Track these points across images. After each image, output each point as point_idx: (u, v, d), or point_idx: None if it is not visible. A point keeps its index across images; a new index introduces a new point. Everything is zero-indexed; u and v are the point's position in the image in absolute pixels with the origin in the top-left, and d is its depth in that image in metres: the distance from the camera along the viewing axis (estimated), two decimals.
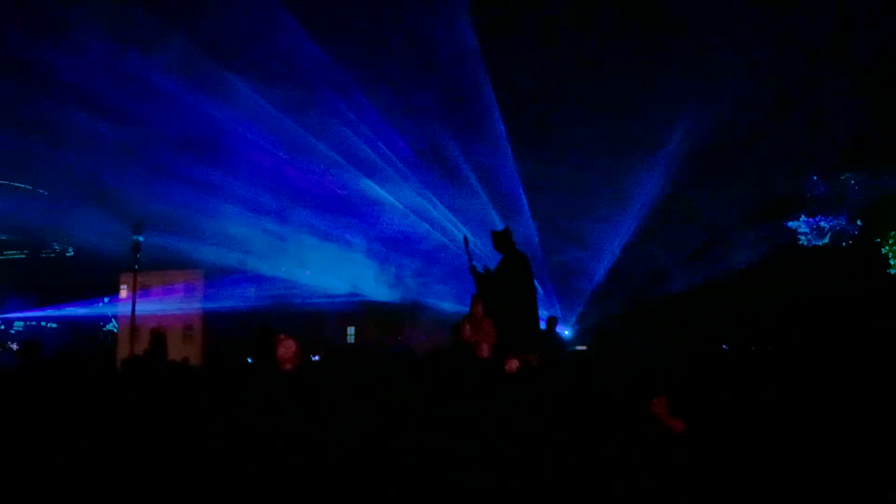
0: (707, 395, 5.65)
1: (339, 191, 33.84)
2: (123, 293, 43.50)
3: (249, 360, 6.61)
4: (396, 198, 33.16)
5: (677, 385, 5.86)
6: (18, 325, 56.46)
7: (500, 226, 8.76)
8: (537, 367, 6.23)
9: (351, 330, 43.45)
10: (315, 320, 35.80)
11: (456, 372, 5.66)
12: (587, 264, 31.91)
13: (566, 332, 28.39)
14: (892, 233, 25.64)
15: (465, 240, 8.44)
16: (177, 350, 20.14)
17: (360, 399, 4.85)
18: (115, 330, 47.76)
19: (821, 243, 26.74)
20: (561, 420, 4.49)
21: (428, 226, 33.79)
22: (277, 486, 4.09)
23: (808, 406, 5.29)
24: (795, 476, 4.09)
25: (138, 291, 22.00)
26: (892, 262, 25.65)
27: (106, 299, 47.75)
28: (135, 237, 20.15)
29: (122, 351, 33.20)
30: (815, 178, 26.75)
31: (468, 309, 7.56)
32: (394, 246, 36.44)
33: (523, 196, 30.52)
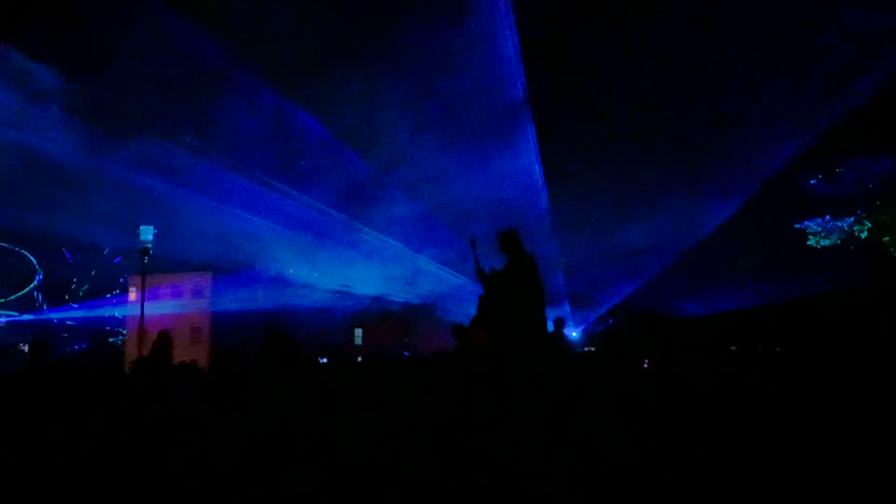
0: (715, 395, 5.64)
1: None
2: (132, 295, 43.72)
3: (258, 363, 6.64)
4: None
5: (685, 385, 5.85)
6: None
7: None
8: (543, 368, 6.23)
9: (358, 332, 43.49)
10: (323, 322, 35.83)
11: (462, 373, 5.67)
12: (590, 265, 31.87)
13: (574, 334, 28.31)
14: None
15: (473, 241, 8.30)
16: (185, 352, 20.16)
17: (367, 400, 4.86)
18: (124, 331, 47.95)
19: (829, 244, 26.56)
20: (565, 419, 4.49)
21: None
22: (283, 486, 4.11)
23: (813, 406, 5.27)
24: (801, 476, 4.08)
25: (146, 293, 22.06)
26: None
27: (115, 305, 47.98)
28: (143, 239, 20.10)
29: (131, 353, 33.33)
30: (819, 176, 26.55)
31: (475, 311, 7.57)
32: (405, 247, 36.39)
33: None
